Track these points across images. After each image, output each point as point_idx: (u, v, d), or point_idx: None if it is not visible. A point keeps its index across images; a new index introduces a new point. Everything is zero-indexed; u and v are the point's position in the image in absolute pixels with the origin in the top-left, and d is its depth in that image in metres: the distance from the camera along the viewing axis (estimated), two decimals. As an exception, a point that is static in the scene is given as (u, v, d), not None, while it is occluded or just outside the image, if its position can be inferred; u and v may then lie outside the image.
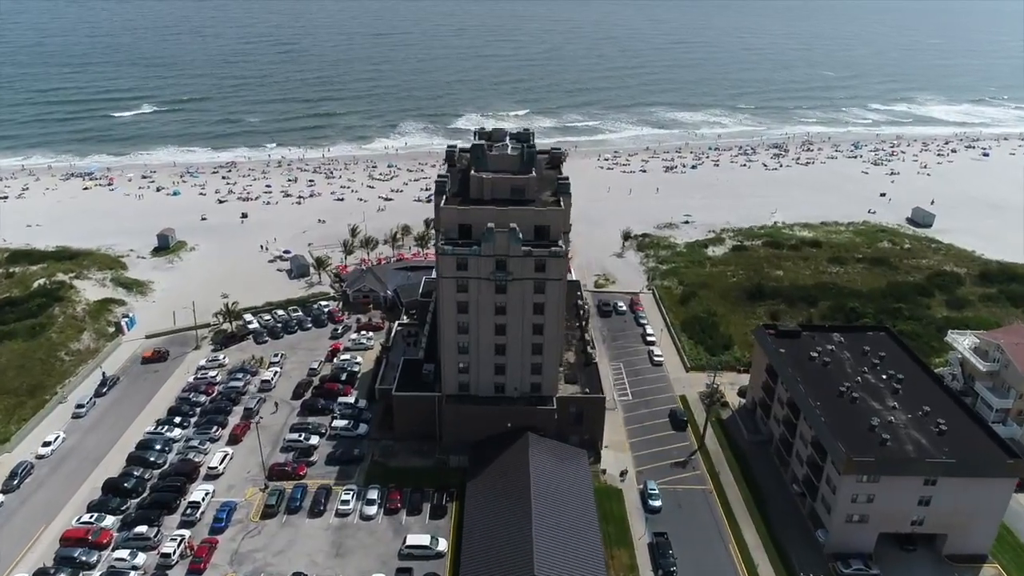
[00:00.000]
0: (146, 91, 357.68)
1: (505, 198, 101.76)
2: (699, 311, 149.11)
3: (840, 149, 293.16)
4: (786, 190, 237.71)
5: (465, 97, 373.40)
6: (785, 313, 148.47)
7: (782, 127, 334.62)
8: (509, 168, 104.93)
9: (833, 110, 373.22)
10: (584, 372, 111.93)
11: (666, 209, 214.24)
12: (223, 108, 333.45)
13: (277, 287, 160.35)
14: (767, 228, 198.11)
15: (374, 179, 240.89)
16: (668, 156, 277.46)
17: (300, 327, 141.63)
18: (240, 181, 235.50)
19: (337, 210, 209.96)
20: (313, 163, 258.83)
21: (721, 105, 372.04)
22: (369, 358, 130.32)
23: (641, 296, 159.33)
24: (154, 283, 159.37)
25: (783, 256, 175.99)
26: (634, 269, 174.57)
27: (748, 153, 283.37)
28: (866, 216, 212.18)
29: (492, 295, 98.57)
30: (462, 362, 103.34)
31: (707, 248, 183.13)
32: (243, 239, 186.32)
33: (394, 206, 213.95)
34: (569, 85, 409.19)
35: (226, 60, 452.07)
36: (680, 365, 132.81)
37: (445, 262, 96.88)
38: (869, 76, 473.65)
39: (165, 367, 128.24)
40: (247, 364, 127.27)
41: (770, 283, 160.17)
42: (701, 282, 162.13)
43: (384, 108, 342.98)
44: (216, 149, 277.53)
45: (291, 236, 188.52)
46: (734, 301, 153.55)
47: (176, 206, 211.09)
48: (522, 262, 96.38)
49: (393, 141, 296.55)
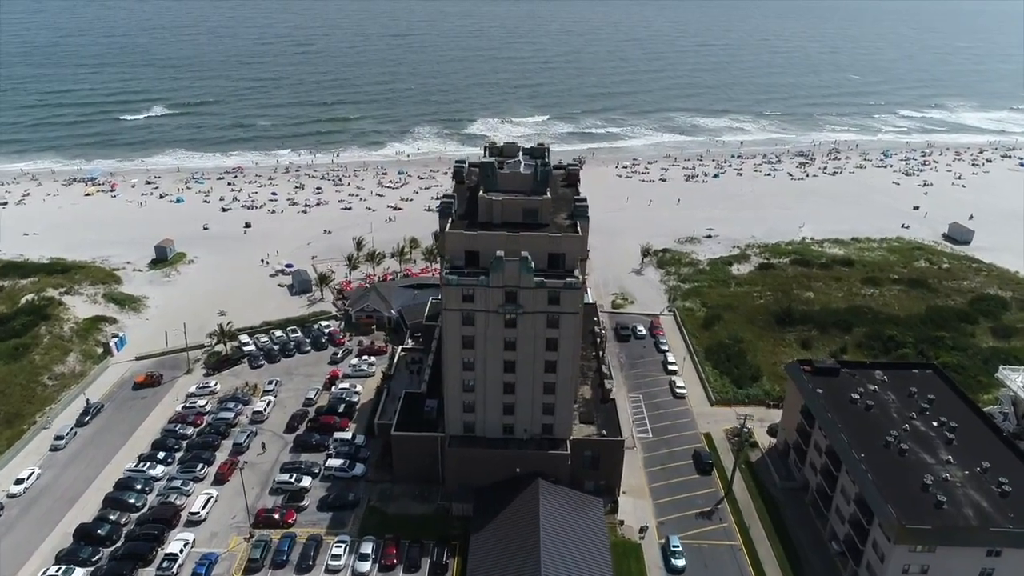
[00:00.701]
0: (158, 93, 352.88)
1: (516, 222, 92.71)
2: (724, 337, 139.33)
3: (869, 158, 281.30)
4: (813, 202, 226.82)
5: (481, 101, 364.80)
6: (817, 340, 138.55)
7: (808, 134, 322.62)
8: (521, 188, 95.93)
9: (860, 116, 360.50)
10: (601, 410, 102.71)
11: (687, 221, 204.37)
12: (234, 111, 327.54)
13: (278, 304, 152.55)
14: (795, 244, 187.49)
15: (383, 187, 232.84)
16: (689, 164, 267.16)
17: (298, 350, 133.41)
18: (246, 188, 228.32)
19: (344, 220, 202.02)
20: (322, 169, 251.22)
21: (744, 111, 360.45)
22: (370, 387, 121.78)
23: (661, 318, 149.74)
24: (149, 299, 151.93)
25: (813, 276, 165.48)
26: (654, 287, 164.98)
27: (772, 162, 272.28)
28: (899, 231, 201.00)
29: (501, 329, 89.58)
30: (467, 400, 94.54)
31: (731, 266, 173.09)
32: (245, 251, 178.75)
33: (403, 216, 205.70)
34: (589, 89, 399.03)
35: (241, 61, 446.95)
36: (704, 398, 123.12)
37: (449, 293, 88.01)
38: (898, 81, 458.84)
39: (154, 394, 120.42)
40: (239, 392, 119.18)
41: (800, 306, 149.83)
42: (726, 304, 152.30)
43: (398, 113, 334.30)
44: (224, 154, 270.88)
45: (295, 248, 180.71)
46: (762, 326, 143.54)
47: (178, 214, 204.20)
48: (534, 294, 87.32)
49: (405, 146, 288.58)
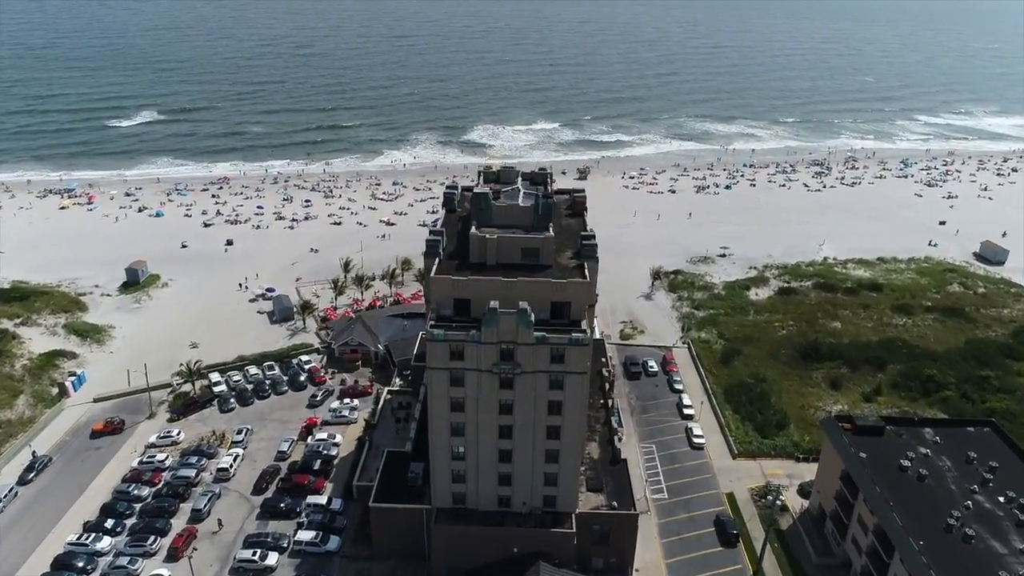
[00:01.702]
0: (150, 98, 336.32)
1: (514, 263, 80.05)
2: (744, 374, 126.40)
3: (888, 167, 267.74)
4: (833, 216, 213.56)
5: (483, 106, 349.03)
6: (847, 379, 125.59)
7: (822, 141, 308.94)
8: (519, 223, 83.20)
9: (877, 122, 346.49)
10: (610, 472, 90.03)
11: (699, 238, 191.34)
12: (227, 117, 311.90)
13: (256, 334, 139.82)
14: (816, 265, 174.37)
15: (376, 199, 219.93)
16: (699, 174, 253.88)
17: (275, 390, 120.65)
18: (231, 200, 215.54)
19: (333, 236, 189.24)
20: (312, 179, 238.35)
21: (756, 116, 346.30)
22: (351, 436, 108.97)
23: (675, 352, 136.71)
24: (115, 329, 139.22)
25: (839, 302, 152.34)
26: (665, 315, 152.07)
27: (787, 171, 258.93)
28: (927, 249, 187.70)
29: (496, 391, 76.81)
30: (457, 469, 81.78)
31: (749, 290, 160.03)
32: (224, 272, 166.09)
33: (396, 232, 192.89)
34: (595, 93, 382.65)
35: (239, 64, 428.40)
36: (725, 448, 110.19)
37: (435, 350, 75.22)
38: (916, 84, 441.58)
39: (111, 444, 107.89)
40: (205, 443, 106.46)
41: (826, 338, 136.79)
42: (744, 335, 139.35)
43: (397, 119, 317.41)
44: (212, 163, 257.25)
45: (278, 269, 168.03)
46: (785, 362, 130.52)
47: (157, 230, 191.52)
48: (534, 351, 74.56)
49: (402, 153, 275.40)
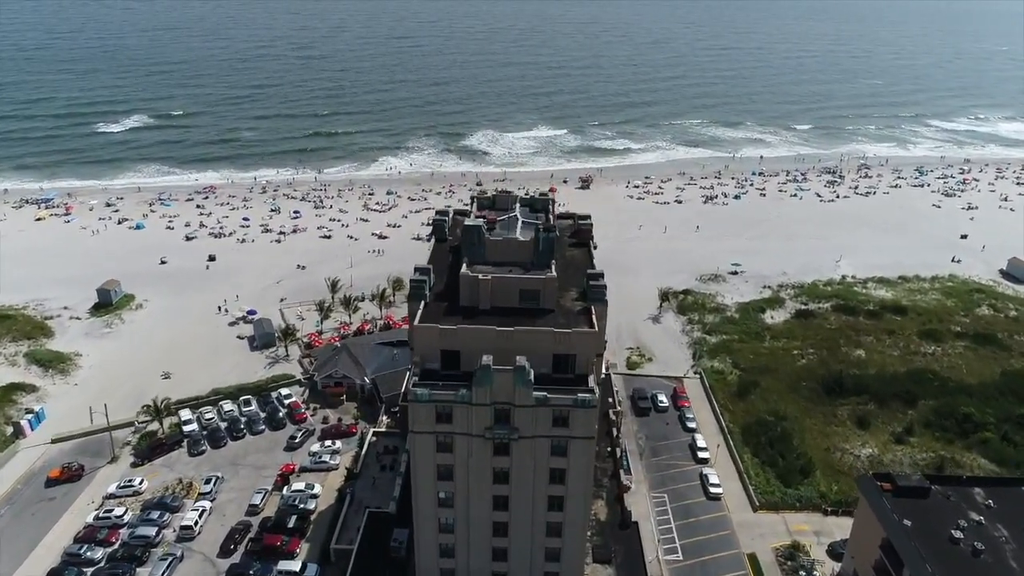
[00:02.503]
0: (141, 102, 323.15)
1: (511, 307, 69.95)
2: (763, 410, 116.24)
3: (903, 176, 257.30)
4: (848, 229, 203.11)
5: (483, 110, 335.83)
6: (875, 417, 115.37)
7: (834, 147, 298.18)
8: (517, 259, 73.13)
9: (889, 127, 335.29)
10: (620, 539, 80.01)
11: (709, 253, 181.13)
12: (219, 123, 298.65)
13: (234, 362, 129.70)
14: (834, 284, 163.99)
15: (369, 210, 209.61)
16: (707, 182, 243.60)
17: (250, 429, 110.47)
18: (216, 211, 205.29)
19: (322, 251, 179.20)
20: (303, 188, 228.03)
21: (764, 121, 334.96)
22: (331, 485, 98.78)
23: (686, 383, 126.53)
24: (81, 357, 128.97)
25: (861, 327, 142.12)
26: (675, 340, 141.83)
27: (798, 180, 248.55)
28: (950, 266, 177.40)
29: (489, 458, 66.71)
30: (445, 543, 71.65)
31: (764, 313, 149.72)
32: (204, 291, 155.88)
33: (389, 246, 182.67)
34: (599, 97, 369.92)
35: (234, 67, 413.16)
36: (744, 499, 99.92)
37: (419, 413, 64.98)
38: (931, 89, 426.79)
39: (67, 493, 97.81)
40: (169, 494, 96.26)
41: (850, 369, 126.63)
42: (761, 365, 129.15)
43: (394, 124, 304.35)
44: (200, 171, 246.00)
45: (262, 288, 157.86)
46: (807, 396, 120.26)
47: (136, 244, 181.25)
48: (534, 413, 64.40)
49: (398, 160, 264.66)
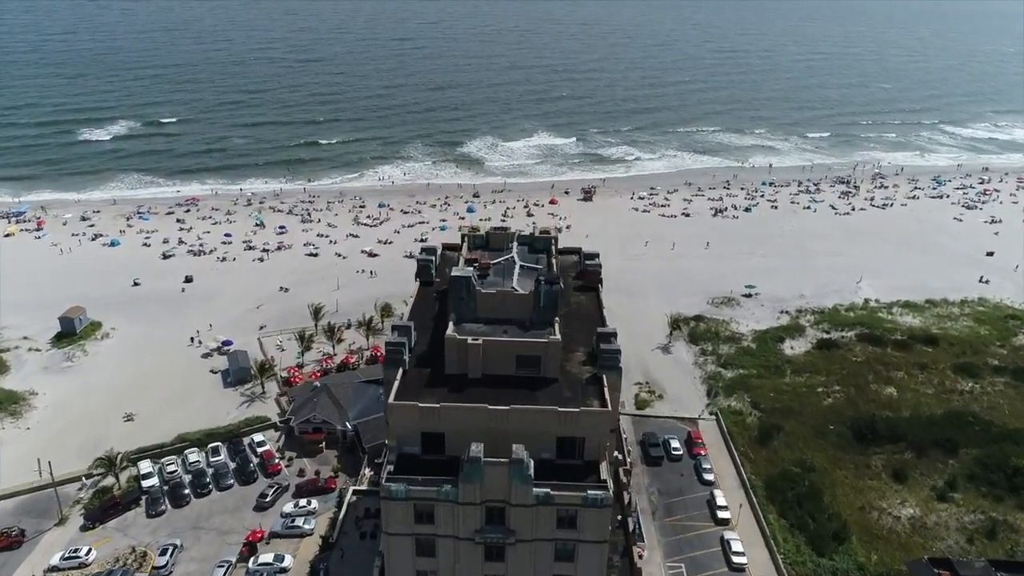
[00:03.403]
0: (129, 108, 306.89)
1: (506, 375, 58.52)
2: (788, 460, 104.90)
3: (920, 186, 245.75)
4: (866, 245, 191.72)
5: (484, 117, 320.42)
6: (913, 467, 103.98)
7: (846, 155, 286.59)
8: (514, 315, 61.62)
9: (903, 134, 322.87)
10: (634, 635, 68.58)
11: (720, 274, 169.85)
12: (207, 131, 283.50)
13: (205, 401, 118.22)
14: (857, 309, 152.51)
15: (360, 224, 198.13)
16: (715, 194, 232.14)
17: (217, 483, 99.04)
18: (197, 225, 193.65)
19: (307, 271, 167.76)
20: (291, 200, 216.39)
21: (774, 127, 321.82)
22: (305, 554, 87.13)
23: (701, 425, 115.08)
24: (37, 396, 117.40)
25: (889, 360, 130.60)
26: (687, 372, 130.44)
27: (811, 191, 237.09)
28: (978, 287, 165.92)
29: (480, 564, 55.16)
30: (428, 656, 60.24)
31: (783, 343, 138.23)
32: (178, 317, 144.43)
33: (380, 265, 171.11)
34: (604, 103, 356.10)
35: (228, 71, 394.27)
36: (772, 570, 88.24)
37: (394, 512, 53.40)
38: (948, 95, 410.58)
39: (5, 563, 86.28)
40: (119, 568, 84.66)
41: (882, 411, 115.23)
42: (783, 405, 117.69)
43: (391, 133, 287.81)
44: (185, 182, 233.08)
45: (240, 313, 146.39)
46: (835, 443, 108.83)
47: (108, 263, 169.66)
48: (534, 513, 52.86)
49: (393, 169, 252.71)
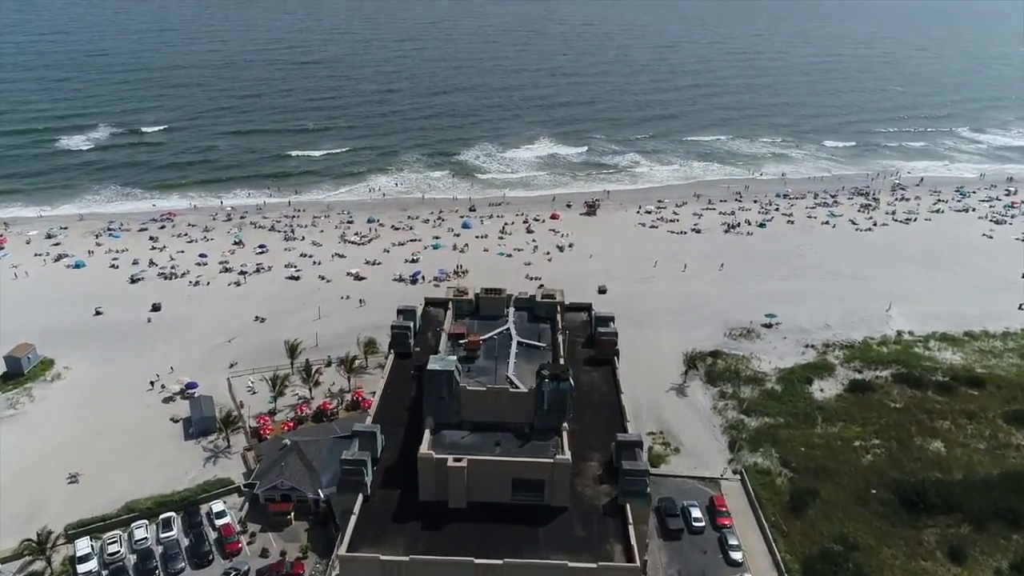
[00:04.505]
0: (113, 115, 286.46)
1: (500, 502, 44.54)
2: (826, 534, 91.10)
3: (943, 198, 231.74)
4: (892, 266, 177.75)
5: (483, 124, 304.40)
6: (971, 544, 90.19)
7: (862, 162, 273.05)
8: (509, 418, 47.68)
9: (922, 141, 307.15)
10: None
11: (737, 300, 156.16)
12: (193, 139, 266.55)
13: (162, 458, 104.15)
14: (890, 344, 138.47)
15: (347, 242, 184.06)
16: (727, 207, 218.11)
17: (165, 567, 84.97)
18: (171, 244, 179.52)
19: (287, 297, 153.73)
20: (274, 215, 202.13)
21: (786, 133, 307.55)
22: (262, 667, 73.61)
23: (724, 486, 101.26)
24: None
25: (932, 407, 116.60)
26: (705, 420, 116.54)
27: (828, 204, 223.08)
28: (1018, 315, 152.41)
29: None
30: None
31: (811, 384, 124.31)
32: (141, 353, 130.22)
33: (367, 290, 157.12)
34: (611, 109, 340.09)
35: (220, 75, 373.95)
36: None
37: None
38: (969, 99, 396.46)
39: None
40: None
41: (930, 471, 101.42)
42: (817, 464, 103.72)
43: (384, 141, 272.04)
44: (165, 195, 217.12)
45: (210, 348, 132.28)
46: (881, 514, 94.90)
47: (71, 288, 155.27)
48: None
49: (385, 179, 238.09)
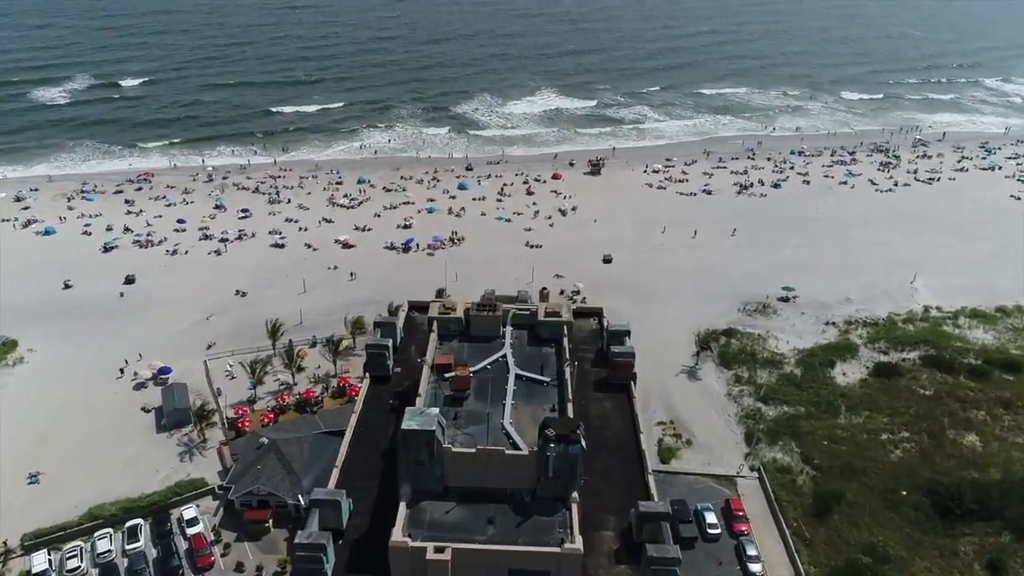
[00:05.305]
0: (92, 65, 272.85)
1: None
2: (853, 543, 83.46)
3: (967, 155, 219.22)
4: (915, 231, 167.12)
5: (484, 75, 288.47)
6: (1012, 554, 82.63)
7: (881, 115, 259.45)
8: (506, 485, 38.58)
9: (944, 92, 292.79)
10: None
11: (751, 269, 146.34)
12: (175, 91, 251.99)
13: (131, 455, 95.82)
14: (916, 320, 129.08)
15: (335, 204, 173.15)
16: (739, 165, 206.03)
17: (130, 584, 77.97)
18: (148, 208, 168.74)
19: (271, 267, 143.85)
20: (258, 175, 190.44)
21: (802, 84, 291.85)
22: None
23: (741, 485, 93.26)
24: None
25: (965, 394, 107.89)
26: (719, 407, 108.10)
27: (846, 161, 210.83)
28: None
29: None
30: None
31: (833, 367, 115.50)
32: (112, 331, 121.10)
33: (356, 260, 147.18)
34: (620, 57, 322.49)
35: (211, 20, 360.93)
36: None
37: None
38: (995, 47, 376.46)
39: None
40: None
41: (965, 470, 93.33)
42: (842, 460, 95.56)
43: (380, 94, 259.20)
44: (142, 152, 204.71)
45: (186, 327, 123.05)
46: (912, 519, 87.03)
47: (39, 258, 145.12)
48: None
49: (378, 135, 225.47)
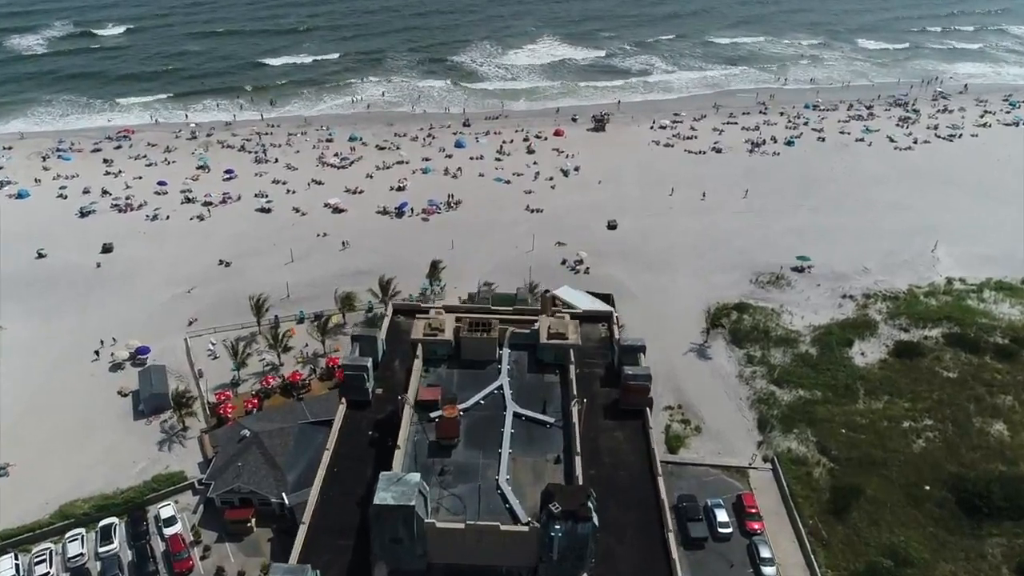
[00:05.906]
0: (72, 11, 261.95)
1: None
2: (874, 544, 78.55)
3: (990, 108, 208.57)
4: (937, 193, 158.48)
5: (483, 23, 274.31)
6: (1042, 558, 77.78)
7: (900, 63, 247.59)
8: (501, 562, 32.30)
9: (964, 39, 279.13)
10: None
11: (764, 236, 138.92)
12: (160, 41, 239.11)
13: (107, 445, 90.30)
14: (938, 293, 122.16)
15: (325, 164, 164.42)
16: (750, 121, 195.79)
17: (103, 590, 73.18)
18: (128, 168, 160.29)
19: (256, 234, 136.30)
20: (244, 132, 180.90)
21: (816, 32, 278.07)
22: None
23: (754, 479, 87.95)
24: None
25: (991, 377, 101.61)
26: (730, 389, 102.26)
27: (862, 116, 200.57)
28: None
29: None
30: None
31: (851, 347, 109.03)
32: (88, 306, 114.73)
33: (347, 224, 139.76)
34: (627, 2, 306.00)
35: None
36: None
37: None
38: None
39: None
40: None
41: (993, 463, 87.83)
42: (861, 451, 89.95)
43: (373, 44, 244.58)
44: (122, 108, 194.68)
45: (166, 300, 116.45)
46: (936, 517, 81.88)
47: (11, 224, 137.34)
48: None
49: (371, 88, 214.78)
